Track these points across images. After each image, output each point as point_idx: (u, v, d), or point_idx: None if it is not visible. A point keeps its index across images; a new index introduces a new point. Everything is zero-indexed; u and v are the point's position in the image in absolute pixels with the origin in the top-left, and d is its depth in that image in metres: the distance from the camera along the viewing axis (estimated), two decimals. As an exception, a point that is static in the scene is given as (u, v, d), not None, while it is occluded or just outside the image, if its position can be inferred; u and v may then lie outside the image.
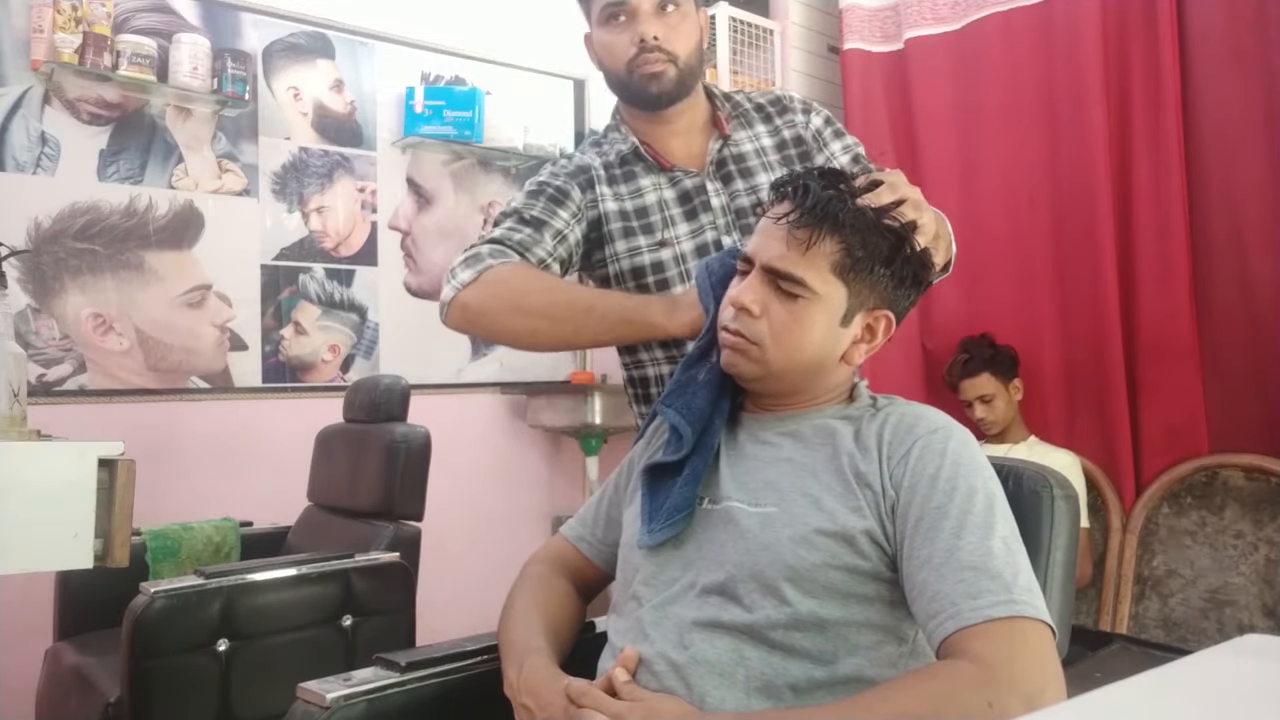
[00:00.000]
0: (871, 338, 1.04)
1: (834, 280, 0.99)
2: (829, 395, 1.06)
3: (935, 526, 0.90)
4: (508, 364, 3.38)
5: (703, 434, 1.06)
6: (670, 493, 1.04)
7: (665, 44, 1.36)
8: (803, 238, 0.99)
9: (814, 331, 1.00)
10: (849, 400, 1.08)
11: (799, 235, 0.99)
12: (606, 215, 1.40)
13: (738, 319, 1.03)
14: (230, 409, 2.81)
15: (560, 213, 1.37)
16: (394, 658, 1.09)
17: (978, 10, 2.62)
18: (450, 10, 3.27)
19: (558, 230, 1.36)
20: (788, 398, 1.06)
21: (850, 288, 1.00)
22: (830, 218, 0.98)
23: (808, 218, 0.99)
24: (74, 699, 1.91)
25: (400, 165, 3.17)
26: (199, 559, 2.29)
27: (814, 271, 0.99)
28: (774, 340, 1.01)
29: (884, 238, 1.00)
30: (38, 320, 2.54)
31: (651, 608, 1.01)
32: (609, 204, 1.40)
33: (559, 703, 0.94)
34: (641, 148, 1.43)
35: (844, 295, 1.00)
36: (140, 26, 2.68)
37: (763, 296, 1.01)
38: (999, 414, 2.43)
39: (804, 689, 0.91)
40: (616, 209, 1.40)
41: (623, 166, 1.43)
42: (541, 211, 1.36)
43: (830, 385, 1.06)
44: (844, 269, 0.99)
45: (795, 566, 0.93)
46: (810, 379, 1.04)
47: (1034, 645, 0.83)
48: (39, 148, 2.56)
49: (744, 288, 1.03)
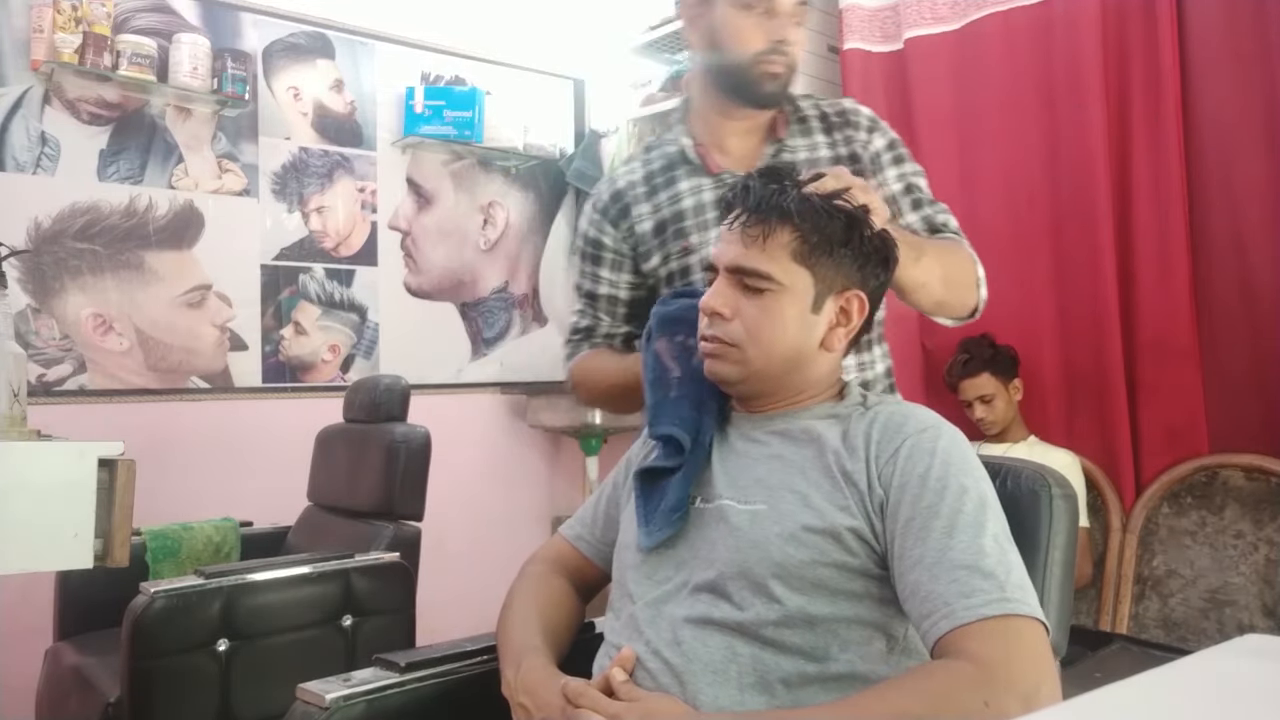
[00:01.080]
0: (847, 320, 1.05)
1: (796, 268, 1.01)
2: (816, 391, 1.07)
3: (927, 526, 0.90)
4: (508, 364, 3.39)
5: (695, 436, 1.07)
6: (665, 494, 1.05)
7: (792, 49, 1.37)
8: (756, 233, 1.01)
9: (787, 322, 1.01)
10: (839, 398, 1.08)
11: (752, 232, 1.02)
12: (642, 236, 1.42)
13: (711, 324, 1.04)
14: (230, 409, 2.81)
15: (601, 272, 1.46)
16: (393, 658, 1.10)
17: (977, 10, 2.62)
18: (450, 10, 3.27)
19: (607, 295, 1.47)
20: (774, 397, 1.07)
21: (814, 273, 1.02)
22: (777, 209, 1.01)
23: (756, 214, 1.02)
24: (74, 699, 1.91)
25: (400, 165, 3.17)
26: (199, 559, 2.29)
27: (775, 263, 1.01)
28: (750, 338, 1.02)
29: (835, 219, 1.02)
30: (38, 320, 2.54)
31: (645, 606, 1.01)
32: (644, 224, 1.42)
33: (556, 702, 0.94)
34: (692, 149, 1.42)
35: (809, 281, 1.02)
36: (140, 26, 2.68)
37: (731, 299, 1.03)
38: (999, 414, 2.43)
39: (796, 684, 0.91)
40: (651, 225, 1.42)
41: (665, 173, 1.43)
42: (589, 280, 1.48)
43: (815, 379, 1.06)
44: (803, 255, 1.01)
45: (783, 563, 0.93)
46: (792, 372, 1.04)
47: (1029, 643, 0.83)
48: (39, 148, 2.56)
49: (711, 293, 1.04)
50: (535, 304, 3.47)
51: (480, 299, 3.33)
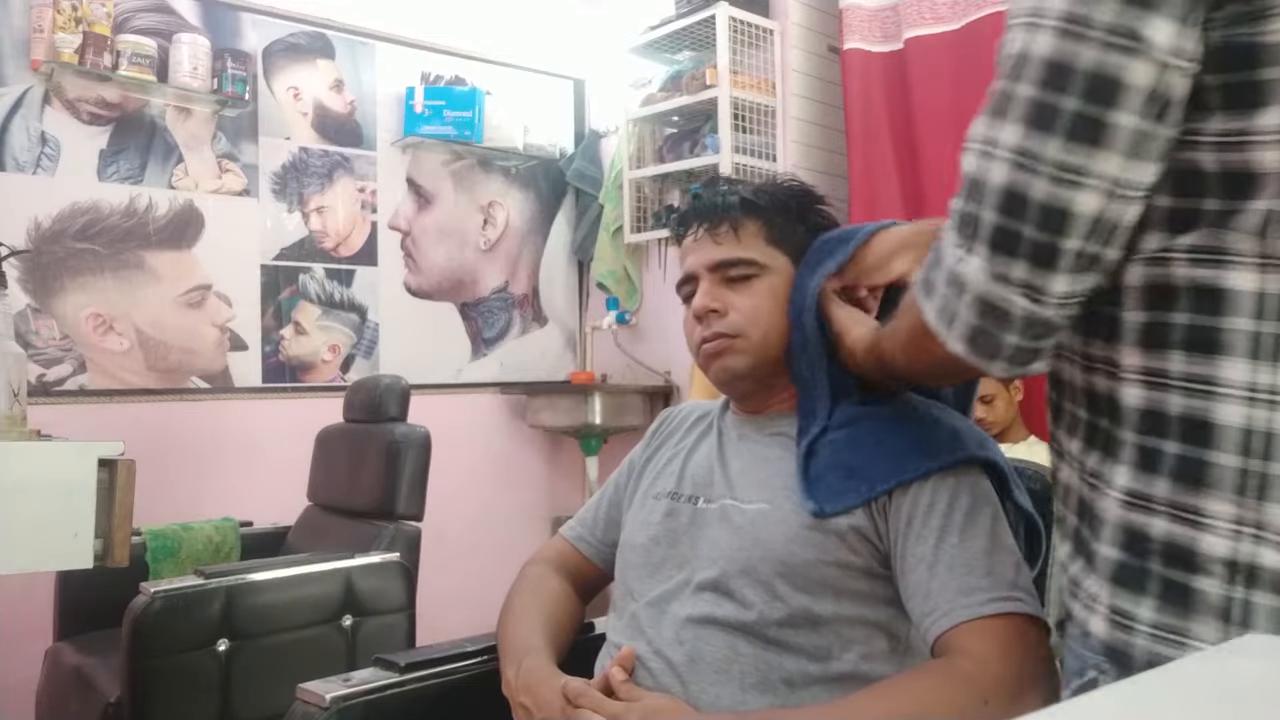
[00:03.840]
0: None
1: (772, 251, 1.04)
2: None
3: (926, 525, 0.90)
4: (508, 364, 3.39)
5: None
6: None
7: None
8: (725, 230, 1.04)
9: (778, 301, 1.03)
10: None
11: (721, 230, 1.05)
12: None
13: (708, 324, 1.04)
14: (230, 409, 2.81)
15: None
16: (393, 658, 1.09)
17: (978, 10, 2.62)
18: (450, 10, 3.27)
19: None
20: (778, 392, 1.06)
21: (788, 253, 1.05)
22: (736, 204, 1.05)
23: (719, 215, 1.05)
24: (74, 699, 1.91)
25: (400, 165, 3.17)
26: (199, 559, 2.29)
27: (752, 249, 1.04)
28: (750, 322, 1.03)
29: (790, 198, 1.07)
30: (38, 320, 2.54)
31: (647, 605, 1.01)
32: None
33: (556, 702, 0.94)
34: None
35: (786, 261, 1.05)
36: (140, 26, 2.68)
37: (720, 295, 1.04)
38: (999, 414, 2.43)
39: (799, 684, 0.91)
40: None
41: None
42: None
43: None
44: (774, 239, 1.04)
45: (787, 561, 0.93)
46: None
47: (1029, 642, 0.83)
48: (39, 148, 2.56)
49: (698, 297, 1.05)
50: (535, 304, 3.47)
51: (480, 299, 3.33)
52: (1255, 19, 0.53)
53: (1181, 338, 0.60)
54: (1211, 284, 0.59)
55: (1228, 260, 0.58)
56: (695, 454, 1.11)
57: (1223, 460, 0.58)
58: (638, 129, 3.25)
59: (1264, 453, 0.57)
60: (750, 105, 2.89)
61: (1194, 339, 0.59)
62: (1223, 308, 0.58)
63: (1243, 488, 0.57)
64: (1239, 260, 0.58)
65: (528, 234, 3.46)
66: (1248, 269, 0.57)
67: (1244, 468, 0.57)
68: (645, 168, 3.20)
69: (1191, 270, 0.60)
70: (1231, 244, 0.58)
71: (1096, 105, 0.58)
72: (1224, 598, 0.57)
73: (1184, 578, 0.59)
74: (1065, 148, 0.59)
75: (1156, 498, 0.61)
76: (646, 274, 3.32)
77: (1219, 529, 0.57)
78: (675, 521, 1.05)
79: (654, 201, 3.25)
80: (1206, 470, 0.59)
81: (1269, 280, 0.57)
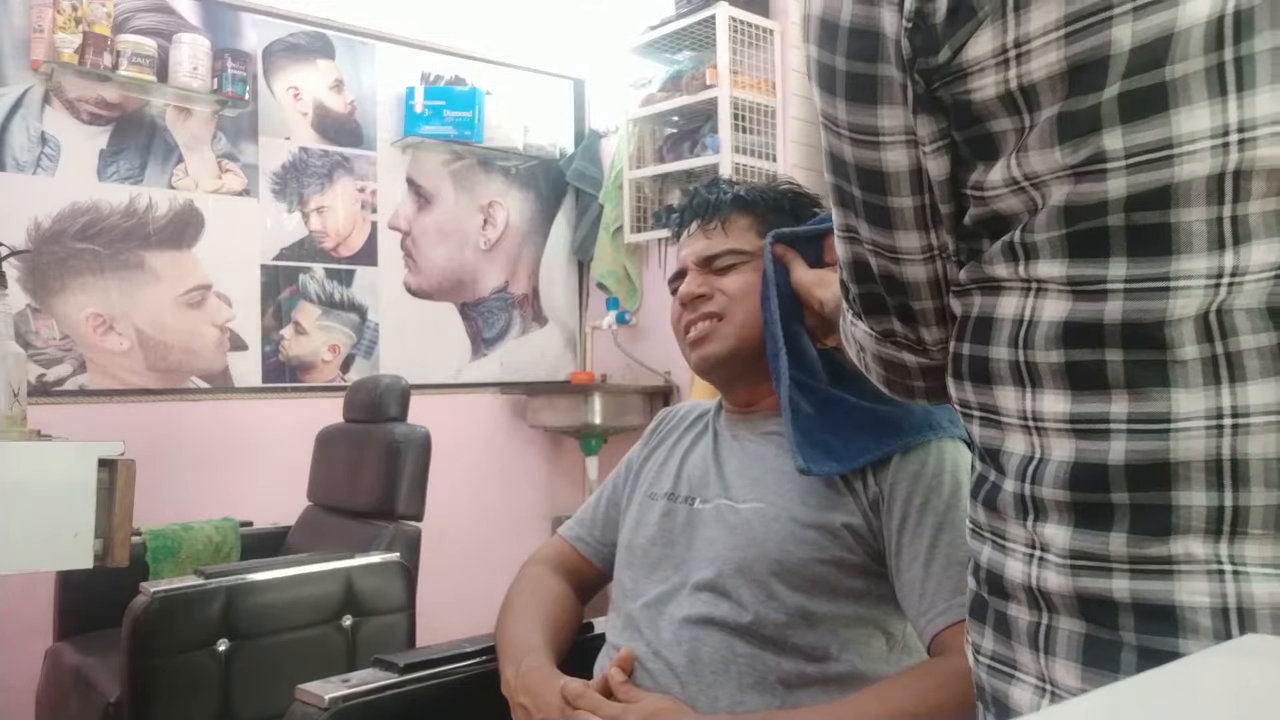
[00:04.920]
0: None
1: (760, 243, 1.06)
2: None
3: (921, 523, 0.90)
4: (508, 364, 3.39)
5: None
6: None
7: None
8: (715, 225, 1.07)
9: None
10: None
11: (712, 226, 1.08)
12: None
13: (692, 308, 1.07)
14: (230, 409, 2.81)
15: None
16: (392, 659, 1.09)
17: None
18: (450, 10, 3.27)
19: None
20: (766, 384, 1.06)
21: None
22: (730, 201, 1.08)
23: (711, 212, 1.08)
24: (74, 699, 1.91)
25: (400, 165, 3.17)
26: (199, 559, 2.29)
27: (740, 242, 1.07)
28: (733, 303, 1.05)
29: (784, 198, 1.09)
30: (38, 320, 2.54)
31: (645, 605, 1.01)
32: None
33: (555, 702, 0.94)
34: None
35: None
36: (140, 26, 2.68)
37: (705, 281, 1.07)
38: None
39: (796, 684, 0.91)
40: None
41: None
42: None
43: None
44: (765, 234, 1.06)
45: (782, 560, 0.93)
46: None
47: None
48: (39, 148, 2.56)
49: (685, 284, 1.08)
50: (535, 304, 3.47)
51: (480, 299, 3.33)
52: (961, 77, 0.54)
53: (968, 369, 0.60)
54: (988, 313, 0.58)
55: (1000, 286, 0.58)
56: (692, 454, 1.11)
57: (1009, 487, 0.56)
58: (638, 129, 3.25)
59: (1032, 477, 0.55)
60: (750, 105, 2.89)
61: (975, 369, 0.59)
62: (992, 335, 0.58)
63: (1024, 512, 0.55)
64: (1007, 285, 0.57)
65: (528, 234, 3.46)
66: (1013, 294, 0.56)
67: (1020, 492, 0.55)
68: (645, 168, 3.20)
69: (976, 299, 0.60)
70: (994, 272, 0.57)
71: (873, 193, 0.61)
72: (1032, 624, 0.55)
73: (1002, 605, 0.58)
74: (872, 230, 0.63)
75: (981, 524, 0.60)
76: (646, 274, 3.32)
77: (1017, 553, 0.56)
78: (672, 522, 1.05)
79: (654, 201, 3.25)
80: (999, 496, 0.57)
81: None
